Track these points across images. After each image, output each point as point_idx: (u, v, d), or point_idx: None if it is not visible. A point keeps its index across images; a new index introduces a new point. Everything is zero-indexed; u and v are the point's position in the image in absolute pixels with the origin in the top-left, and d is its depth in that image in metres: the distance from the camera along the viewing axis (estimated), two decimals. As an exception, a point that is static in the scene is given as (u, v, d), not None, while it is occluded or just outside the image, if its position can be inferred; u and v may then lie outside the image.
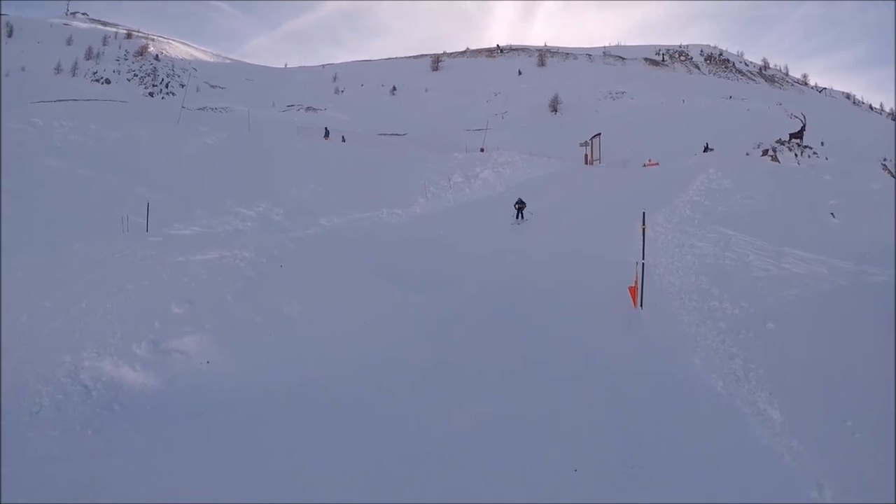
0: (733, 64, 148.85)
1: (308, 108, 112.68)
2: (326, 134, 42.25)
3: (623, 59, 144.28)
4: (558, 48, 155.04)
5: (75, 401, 7.33)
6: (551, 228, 18.40)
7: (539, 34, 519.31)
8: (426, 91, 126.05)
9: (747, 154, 29.73)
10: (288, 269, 11.48)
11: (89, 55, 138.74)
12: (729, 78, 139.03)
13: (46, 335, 8.73)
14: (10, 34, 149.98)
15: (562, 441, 6.66)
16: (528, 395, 7.78)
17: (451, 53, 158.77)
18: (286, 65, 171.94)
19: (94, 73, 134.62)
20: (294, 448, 6.43)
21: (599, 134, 44.95)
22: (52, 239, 12.97)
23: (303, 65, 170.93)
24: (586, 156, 43.42)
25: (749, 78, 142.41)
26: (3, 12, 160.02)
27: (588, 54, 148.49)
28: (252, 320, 9.56)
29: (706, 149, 41.67)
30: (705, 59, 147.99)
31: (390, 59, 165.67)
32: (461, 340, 9.68)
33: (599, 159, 42.38)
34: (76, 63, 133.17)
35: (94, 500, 5.54)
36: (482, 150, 45.08)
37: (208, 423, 6.98)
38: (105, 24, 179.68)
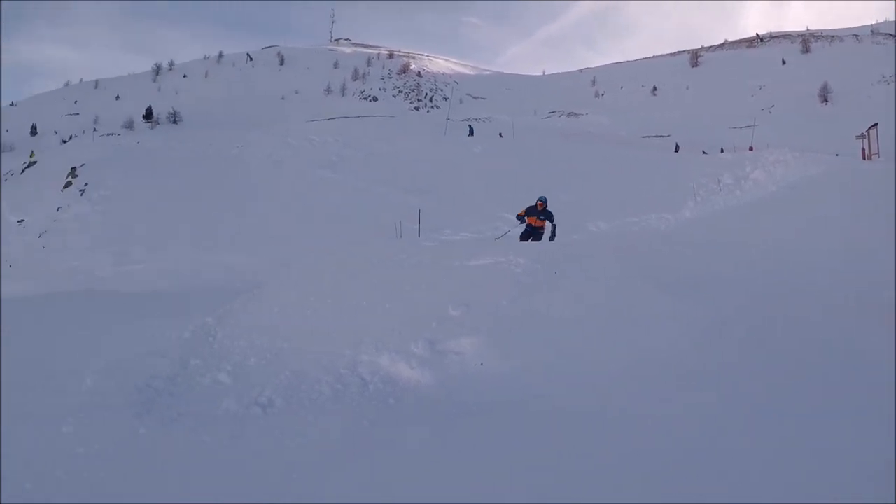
0: None
1: (570, 114, 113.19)
2: None
3: (894, 36, 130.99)
4: (822, 31, 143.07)
5: (353, 392, 7.57)
6: (839, 228, 16.90)
7: (798, 17, 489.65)
8: (687, 89, 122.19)
9: None
10: (561, 275, 11.33)
11: (355, 76, 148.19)
12: None
13: (328, 329, 9.15)
14: (281, 63, 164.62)
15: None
16: (808, 422, 6.73)
17: (710, 47, 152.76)
18: (544, 72, 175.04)
19: (362, 92, 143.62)
20: (557, 454, 6.18)
21: (876, 124, 40.81)
22: (334, 244, 13.66)
23: (560, 70, 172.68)
24: (863, 149, 39.68)
25: None
26: (274, 44, 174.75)
27: (855, 35, 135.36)
28: (525, 324, 9.42)
29: None
30: None
31: (647, 58, 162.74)
32: (731, 349, 9.00)
33: (878, 153, 38.56)
34: (344, 84, 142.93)
35: (376, 492, 5.62)
36: (751, 148, 43.11)
37: (480, 423, 6.84)
38: (367, 46, 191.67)
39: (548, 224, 15.11)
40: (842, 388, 7.30)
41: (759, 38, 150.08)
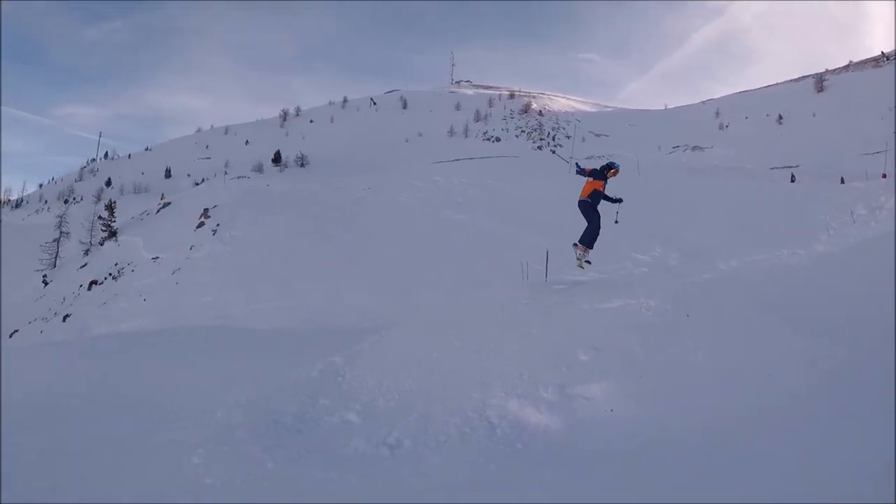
0: None
1: (694, 148, 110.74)
2: None
3: None
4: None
5: (480, 435, 7.44)
6: None
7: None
8: (814, 115, 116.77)
9: None
10: (693, 317, 10.98)
11: (478, 117, 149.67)
12: None
13: (456, 372, 9.10)
14: (404, 106, 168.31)
15: None
16: None
17: (834, 70, 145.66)
18: (666, 105, 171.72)
19: (485, 133, 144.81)
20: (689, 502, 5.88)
21: None
22: (461, 285, 13.62)
23: (682, 104, 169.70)
24: None
25: None
26: (396, 88, 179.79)
27: None
28: (656, 369, 9.13)
29: None
30: None
31: (770, 86, 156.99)
32: (869, 395, 8.38)
33: None
34: (467, 125, 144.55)
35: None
36: (884, 175, 41.28)
37: (609, 470, 6.63)
38: (487, 87, 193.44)
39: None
40: None
41: (885, 57, 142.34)
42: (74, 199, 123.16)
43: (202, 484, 6.08)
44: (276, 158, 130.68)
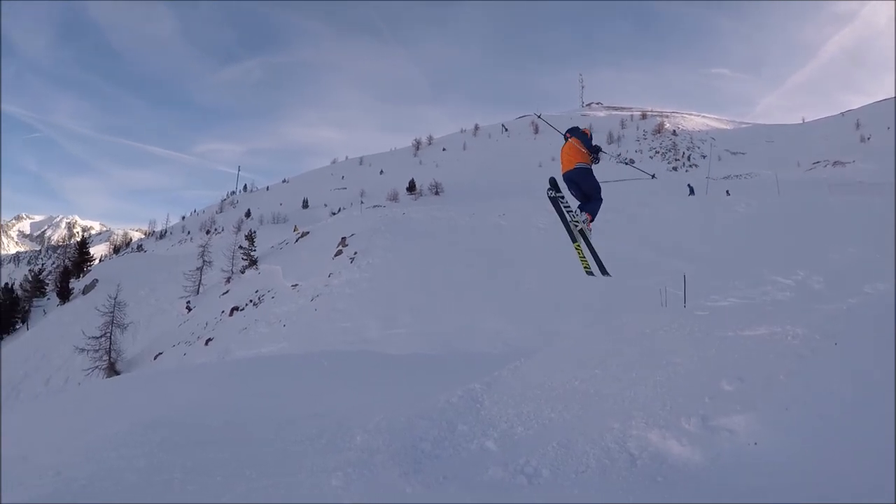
0: None
1: (835, 163, 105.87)
2: None
3: None
4: None
5: (620, 467, 7.30)
6: None
7: None
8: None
9: None
10: (841, 346, 10.49)
11: (610, 139, 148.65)
12: None
13: (596, 401, 8.97)
14: (536, 131, 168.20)
15: None
16: None
17: None
18: (803, 119, 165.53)
19: (618, 155, 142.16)
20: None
21: None
22: (600, 309, 13.46)
23: (820, 116, 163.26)
24: None
25: None
26: (527, 114, 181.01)
27: None
28: (803, 401, 8.76)
29: None
30: None
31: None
32: None
33: None
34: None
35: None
36: None
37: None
38: (619, 108, 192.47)
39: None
40: None
41: None
42: (216, 229, 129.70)
43: (341, 506, 6.25)
44: (411, 187, 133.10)
